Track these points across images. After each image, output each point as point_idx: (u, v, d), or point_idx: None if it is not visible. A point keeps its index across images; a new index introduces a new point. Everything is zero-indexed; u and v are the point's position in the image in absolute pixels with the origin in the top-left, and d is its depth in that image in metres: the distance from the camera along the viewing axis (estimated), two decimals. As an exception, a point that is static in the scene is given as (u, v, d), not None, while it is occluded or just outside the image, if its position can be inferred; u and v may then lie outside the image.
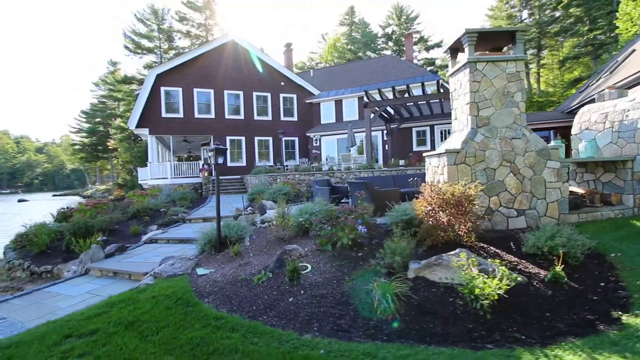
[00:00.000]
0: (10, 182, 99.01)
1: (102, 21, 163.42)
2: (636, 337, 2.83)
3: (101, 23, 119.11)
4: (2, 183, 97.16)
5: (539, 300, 3.52)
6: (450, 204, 4.69)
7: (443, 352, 2.83)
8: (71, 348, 3.45)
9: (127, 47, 40.79)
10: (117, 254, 7.69)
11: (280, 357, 2.93)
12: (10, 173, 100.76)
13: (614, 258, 4.39)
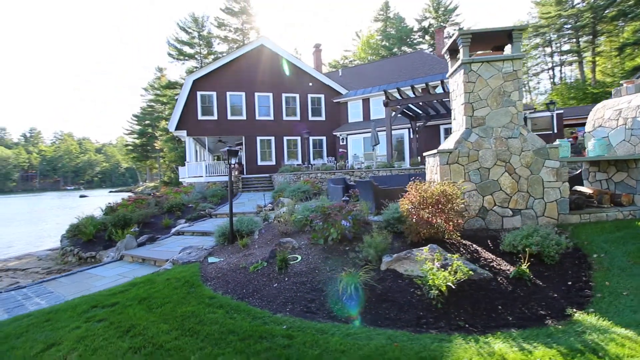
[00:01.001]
0: (74, 180, 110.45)
1: (153, 30, 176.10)
2: (575, 332, 2.97)
3: (152, 32, 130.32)
4: (67, 180, 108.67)
5: (496, 295, 3.70)
6: (429, 203, 4.92)
7: (385, 332, 3.18)
8: (94, 315, 4.26)
9: (171, 54, 43.91)
10: (147, 243, 8.75)
11: (248, 329, 3.46)
12: (74, 171, 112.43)
13: (595, 259, 4.37)
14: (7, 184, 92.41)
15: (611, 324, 3.00)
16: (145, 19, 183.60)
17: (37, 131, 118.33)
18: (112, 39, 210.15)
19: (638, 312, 3.13)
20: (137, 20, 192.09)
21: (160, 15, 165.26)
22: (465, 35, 6.13)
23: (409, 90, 18.59)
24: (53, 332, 3.86)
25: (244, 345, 3.15)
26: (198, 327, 3.61)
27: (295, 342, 3.13)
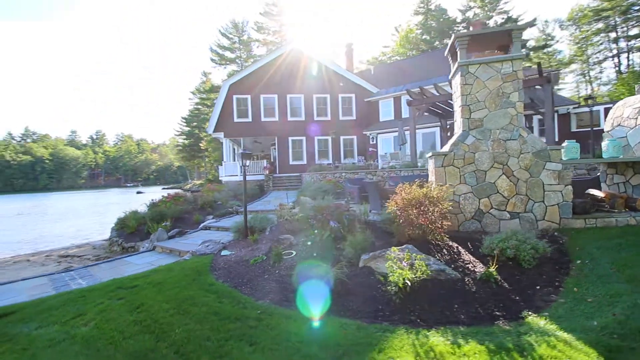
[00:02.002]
0: (133, 177, 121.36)
1: (200, 35, 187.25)
2: (517, 332, 3.10)
3: (199, 37, 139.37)
4: (127, 178, 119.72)
5: (458, 294, 3.86)
6: (412, 205, 5.11)
7: (341, 321, 3.55)
8: (117, 294, 5.10)
9: (214, 59, 46.66)
10: (177, 236, 9.79)
11: (229, 312, 4.01)
12: (133, 170, 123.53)
13: (578, 265, 4.30)
14: (77, 181, 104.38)
15: (557, 328, 3.08)
16: (193, 26, 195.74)
17: (102, 133, 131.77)
18: (166, 46, 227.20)
19: (591, 319, 3.15)
20: (185, 27, 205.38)
21: (206, 21, 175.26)
22: (461, 38, 6.14)
23: (445, 86, 18.11)
24: (83, 305, 4.74)
25: (220, 324, 3.70)
26: (190, 307, 4.24)
27: (262, 324, 3.62)
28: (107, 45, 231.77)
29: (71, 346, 3.49)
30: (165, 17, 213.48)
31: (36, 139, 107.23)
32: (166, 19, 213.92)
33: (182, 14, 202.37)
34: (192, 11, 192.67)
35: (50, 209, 39.03)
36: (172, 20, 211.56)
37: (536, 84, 11.67)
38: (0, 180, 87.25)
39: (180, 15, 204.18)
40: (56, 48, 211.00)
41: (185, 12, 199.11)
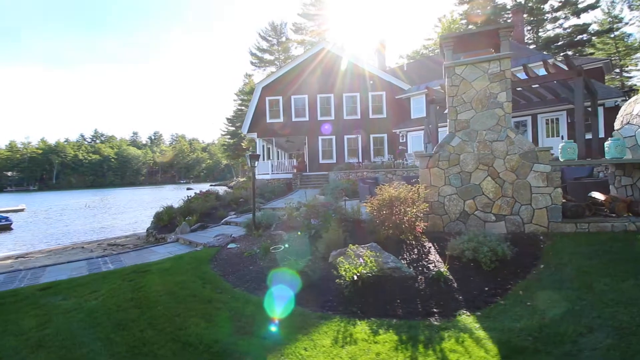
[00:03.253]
0: (186, 175, 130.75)
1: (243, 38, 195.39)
2: (439, 327, 3.29)
3: (243, 40, 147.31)
4: (181, 175, 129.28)
5: (406, 291, 4.08)
6: (385, 205, 5.34)
7: (290, 307, 3.97)
8: (129, 277, 6.01)
9: (253, 62, 48.76)
10: (199, 230, 10.82)
11: (206, 295, 4.63)
12: (185, 167, 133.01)
13: (541, 269, 4.27)
14: (138, 178, 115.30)
15: (479, 327, 3.21)
16: (240, 28, 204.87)
17: (160, 134, 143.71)
18: (217, 46, 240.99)
19: (518, 321, 3.22)
20: (234, 29, 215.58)
21: (251, 23, 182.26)
22: (446, 39, 6.15)
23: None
24: (100, 284, 5.69)
25: (194, 304, 4.33)
26: (178, 290, 4.95)
27: (226, 306, 4.18)
28: (164, 49, 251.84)
29: (78, 314, 4.34)
30: (214, 20, 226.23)
31: (104, 140, 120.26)
32: (215, 22, 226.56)
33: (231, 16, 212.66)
34: (237, 14, 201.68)
35: (113, 203, 43.93)
36: (222, 22, 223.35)
37: (564, 77, 10.87)
38: (75, 177, 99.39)
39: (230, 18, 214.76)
40: (121, 56, 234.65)
41: (233, 15, 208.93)
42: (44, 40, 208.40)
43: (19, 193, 75.85)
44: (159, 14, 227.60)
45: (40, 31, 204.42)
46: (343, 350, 3.00)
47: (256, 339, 3.34)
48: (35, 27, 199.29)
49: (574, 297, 3.47)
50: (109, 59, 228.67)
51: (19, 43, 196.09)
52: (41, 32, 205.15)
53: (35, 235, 18.74)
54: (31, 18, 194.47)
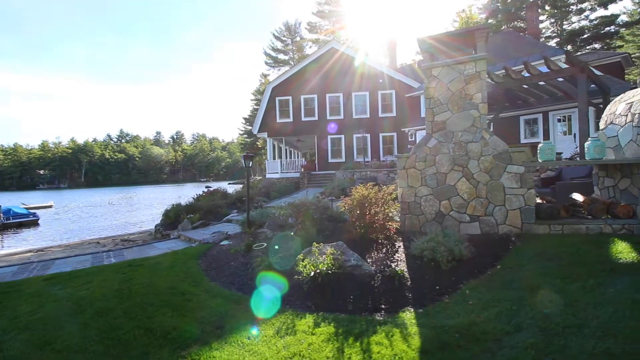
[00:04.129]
0: (206, 173, 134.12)
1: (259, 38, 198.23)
2: (377, 322, 3.47)
3: (258, 39, 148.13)
4: (201, 173, 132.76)
5: (361, 287, 4.27)
6: (356, 205, 5.51)
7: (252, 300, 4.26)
8: (123, 270, 6.48)
9: (268, 62, 49.48)
10: (200, 227, 11.31)
11: (182, 288, 4.98)
12: (205, 166, 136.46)
13: (497, 270, 4.34)
14: (160, 176, 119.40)
15: (415, 323, 3.36)
16: (252, 29, 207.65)
17: (181, 133, 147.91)
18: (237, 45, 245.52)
19: (453, 318, 3.34)
20: (246, 30, 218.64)
21: (265, 25, 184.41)
22: (423, 41, 6.22)
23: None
24: (96, 276, 6.17)
25: (169, 296, 4.68)
26: (159, 283, 5.33)
27: (196, 298, 4.51)
28: (186, 50, 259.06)
29: (67, 302, 4.80)
30: (233, 21, 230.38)
31: (129, 139, 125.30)
32: (234, 24, 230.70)
33: (250, 17, 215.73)
34: (256, 14, 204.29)
35: (135, 200, 45.91)
36: (241, 24, 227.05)
37: (565, 75, 10.57)
38: (102, 175, 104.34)
39: (249, 19, 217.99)
40: (146, 58, 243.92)
41: (252, 16, 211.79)
42: (76, 47, 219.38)
43: (50, 190, 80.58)
44: (179, 17, 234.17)
45: (73, 38, 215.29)
46: (281, 340, 3.24)
47: (210, 327, 3.64)
48: (68, 34, 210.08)
49: (516, 297, 3.55)
50: (136, 62, 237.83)
51: (52, 49, 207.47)
52: (73, 39, 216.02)
53: (57, 230, 20.03)
54: (63, 24, 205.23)
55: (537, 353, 2.65)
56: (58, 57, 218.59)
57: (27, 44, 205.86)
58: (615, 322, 2.86)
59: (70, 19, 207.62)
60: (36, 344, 3.55)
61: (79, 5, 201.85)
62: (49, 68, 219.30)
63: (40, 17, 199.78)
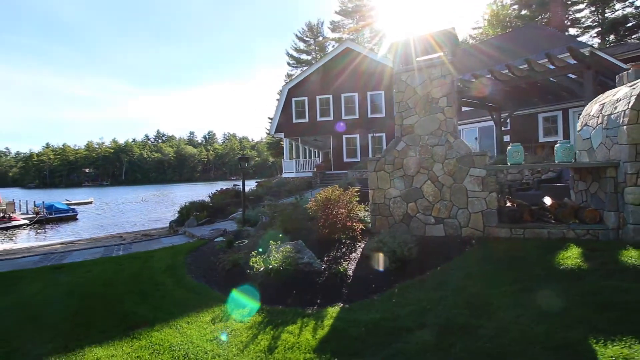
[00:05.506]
0: (235, 171, 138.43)
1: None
2: (303, 314, 3.79)
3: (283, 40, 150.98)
4: (232, 172, 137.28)
5: (308, 283, 4.60)
6: (320, 206, 5.82)
7: (211, 291, 4.72)
8: (121, 262, 7.25)
9: (290, 63, 50.28)
10: (205, 224, 12.07)
11: (160, 279, 5.56)
12: (235, 165, 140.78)
13: (437, 271, 4.48)
14: (193, 174, 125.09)
15: (334, 317, 3.63)
16: (279, 30, 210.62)
17: (213, 133, 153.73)
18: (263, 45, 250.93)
19: (368, 314, 3.57)
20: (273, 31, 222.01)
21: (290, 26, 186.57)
22: (393, 47, 6.36)
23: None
24: (98, 266, 6.97)
25: (145, 285, 5.29)
26: (144, 274, 5.98)
27: (165, 288, 5.07)
28: (218, 53, 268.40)
29: (63, 287, 5.54)
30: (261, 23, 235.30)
31: (165, 139, 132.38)
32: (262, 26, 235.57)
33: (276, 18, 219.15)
34: (283, 15, 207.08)
35: (167, 197, 48.70)
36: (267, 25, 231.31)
37: (571, 71, 10.11)
38: (140, 173, 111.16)
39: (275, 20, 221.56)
40: (180, 61, 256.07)
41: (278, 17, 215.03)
42: (118, 52, 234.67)
43: (93, 188, 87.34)
44: (211, 20, 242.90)
45: (115, 44, 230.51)
46: (212, 326, 3.67)
47: (162, 312, 4.14)
48: (111, 41, 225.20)
49: (437, 298, 3.71)
50: (172, 66, 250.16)
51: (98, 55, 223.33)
52: (116, 45, 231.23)
53: (91, 225, 21.95)
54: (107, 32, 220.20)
55: (422, 349, 2.86)
56: (102, 63, 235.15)
57: (75, 51, 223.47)
58: (513, 325, 2.99)
59: (113, 27, 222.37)
60: (25, 320, 4.24)
61: (121, 14, 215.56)
62: (94, 72, 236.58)
63: (87, 26, 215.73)
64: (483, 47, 25.77)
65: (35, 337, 3.67)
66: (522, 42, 21.62)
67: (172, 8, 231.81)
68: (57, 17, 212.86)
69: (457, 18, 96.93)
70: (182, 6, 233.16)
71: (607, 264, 3.99)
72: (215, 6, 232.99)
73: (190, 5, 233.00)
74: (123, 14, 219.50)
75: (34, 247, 12.24)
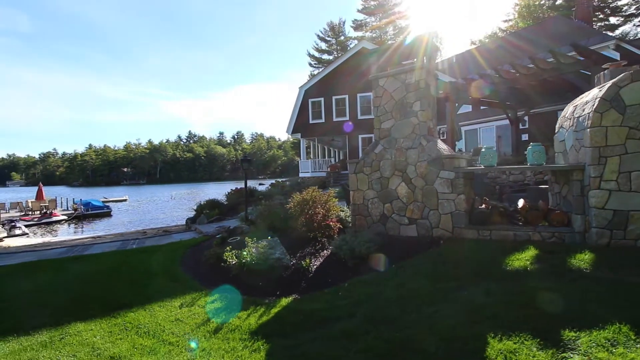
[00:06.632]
0: (262, 171, 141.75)
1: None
2: (257, 302, 4.22)
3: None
4: (258, 172, 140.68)
5: (275, 276, 5.03)
6: (297, 205, 6.21)
7: (191, 282, 5.28)
8: (129, 254, 8.07)
9: (311, 64, 50.87)
10: (215, 221, 12.84)
11: (154, 269, 6.23)
12: (263, 164, 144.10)
13: (391, 269, 4.73)
14: (223, 174, 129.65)
15: (283, 306, 4.04)
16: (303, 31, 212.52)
17: (241, 133, 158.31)
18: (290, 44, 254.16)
19: (313, 304, 3.94)
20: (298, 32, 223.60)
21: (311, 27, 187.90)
22: (371, 54, 6.61)
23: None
24: (109, 257, 7.82)
25: (138, 275, 5.96)
26: (141, 266, 6.68)
27: (154, 279, 5.70)
28: (245, 55, 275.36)
29: (73, 275, 6.34)
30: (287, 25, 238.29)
31: (196, 140, 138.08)
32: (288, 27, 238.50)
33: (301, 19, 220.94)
34: (306, 17, 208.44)
35: (195, 196, 51.03)
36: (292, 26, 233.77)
37: (578, 68, 9.77)
38: (173, 173, 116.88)
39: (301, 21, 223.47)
40: (210, 65, 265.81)
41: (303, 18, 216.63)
42: (152, 57, 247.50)
43: (131, 186, 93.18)
44: (241, 24, 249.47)
45: (149, 50, 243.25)
46: (179, 310, 4.20)
47: (142, 297, 4.74)
48: (146, 47, 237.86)
49: (377, 292, 3.99)
50: (203, 69, 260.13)
51: (133, 60, 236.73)
52: (149, 50, 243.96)
53: (122, 221, 23.70)
54: (141, 38, 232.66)
55: (341, 334, 3.19)
56: (136, 67, 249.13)
57: (113, 56, 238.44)
58: (428, 318, 3.24)
59: (146, 33, 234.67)
60: (33, 301, 5.01)
61: (153, 19, 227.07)
62: (129, 77, 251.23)
63: (122, 32, 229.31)
64: (509, 40, 24.84)
65: (36, 314, 4.38)
66: (548, 33, 20.68)
67: (201, 13, 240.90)
68: (95, 25, 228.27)
69: (484, 12, 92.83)
70: (210, 11, 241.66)
71: (556, 266, 4.07)
72: (242, 9, 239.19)
73: (218, 10, 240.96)
74: (154, 20, 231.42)
75: (66, 241, 13.61)
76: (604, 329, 2.64)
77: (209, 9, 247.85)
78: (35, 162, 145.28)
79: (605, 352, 2.42)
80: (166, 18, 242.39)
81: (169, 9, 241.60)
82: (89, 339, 3.58)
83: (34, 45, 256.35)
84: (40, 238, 16.54)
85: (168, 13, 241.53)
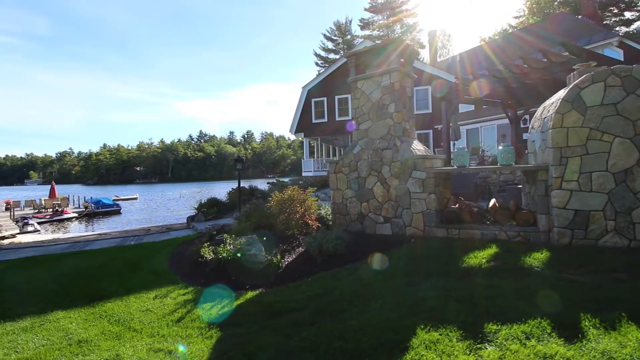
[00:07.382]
0: (273, 170, 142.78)
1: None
2: (227, 295, 4.48)
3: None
4: (267, 171, 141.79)
5: (248, 271, 5.27)
6: (275, 206, 6.46)
7: (172, 275, 5.59)
8: (124, 249, 8.47)
9: (318, 63, 51.02)
10: (211, 220, 13.22)
11: (140, 265, 6.57)
12: (272, 163, 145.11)
13: (360, 265, 4.92)
14: (233, 172, 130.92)
15: (247, 298, 4.29)
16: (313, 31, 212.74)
17: (251, 133, 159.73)
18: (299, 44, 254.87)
19: (275, 297, 4.16)
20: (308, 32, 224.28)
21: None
22: (349, 57, 6.80)
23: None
24: (104, 253, 8.22)
25: (125, 269, 6.31)
26: (132, 260, 7.05)
27: (138, 273, 6.04)
28: (256, 56, 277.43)
29: (67, 268, 6.75)
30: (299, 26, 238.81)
31: (207, 139, 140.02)
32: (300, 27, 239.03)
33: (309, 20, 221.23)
34: (315, 17, 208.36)
35: (204, 194, 51.91)
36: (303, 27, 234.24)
37: (569, 68, 9.67)
38: (184, 172, 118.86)
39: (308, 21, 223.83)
40: (220, 65, 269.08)
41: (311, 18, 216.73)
42: (164, 58, 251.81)
43: (143, 185, 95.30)
44: (251, 25, 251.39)
45: (161, 50, 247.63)
46: (153, 301, 4.50)
47: (123, 289, 5.06)
48: (158, 48, 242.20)
49: (334, 286, 4.19)
50: (214, 69, 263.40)
51: (144, 61, 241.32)
52: (162, 51, 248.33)
53: (130, 219, 24.44)
54: (153, 39, 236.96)
55: (288, 325, 3.40)
56: (149, 68, 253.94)
57: (126, 57, 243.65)
58: (370, 312, 3.44)
59: (160, 35, 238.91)
60: (25, 291, 5.40)
61: (166, 21, 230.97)
62: (142, 77, 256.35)
63: (135, 33, 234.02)
64: (516, 36, 24.54)
65: (25, 304, 4.75)
66: (550, 31, 20.36)
67: (212, 14, 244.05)
68: (110, 27, 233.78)
69: (495, 10, 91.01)
70: (221, 12, 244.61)
71: (508, 264, 4.20)
72: (253, 8, 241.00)
73: (229, 10, 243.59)
74: (167, 22, 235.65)
75: (73, 237, 14.22)
76: (525, 323, 2.79)
77: (221, 9, 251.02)
78: (52, 162, 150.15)
79: (518, 344, 2.58)
80: (179, 20, 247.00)
81: (182, 11, 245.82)
82: (65, 325, 3.91)
83: (52, 47, 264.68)
84: (51, 235, 17.26)
85: (180, 15, 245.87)
